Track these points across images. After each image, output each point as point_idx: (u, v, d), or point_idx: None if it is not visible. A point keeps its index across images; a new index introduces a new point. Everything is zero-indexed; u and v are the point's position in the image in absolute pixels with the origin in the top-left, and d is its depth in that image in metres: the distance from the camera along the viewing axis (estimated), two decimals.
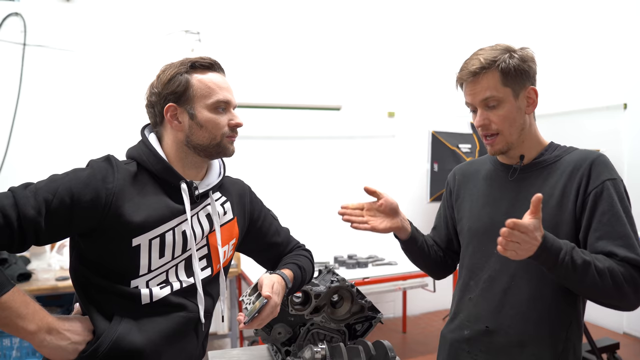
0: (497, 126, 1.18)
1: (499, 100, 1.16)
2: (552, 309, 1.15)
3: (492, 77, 1.15)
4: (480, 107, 1.18)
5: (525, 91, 1.18)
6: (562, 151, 1.21)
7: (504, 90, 1.16)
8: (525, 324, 1.17)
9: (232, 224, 1.24)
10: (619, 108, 3.93)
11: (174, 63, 1.14)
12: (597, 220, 1.09)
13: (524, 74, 1.16)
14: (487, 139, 1.21)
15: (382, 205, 1.29)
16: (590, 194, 1.11)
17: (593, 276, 1.02)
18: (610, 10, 4.03)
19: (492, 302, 1.22)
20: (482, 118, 1.19)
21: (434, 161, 4.20)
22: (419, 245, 1.37)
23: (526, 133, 1.21)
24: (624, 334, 3.91)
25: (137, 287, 1.06)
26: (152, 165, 1.11)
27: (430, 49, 4.53)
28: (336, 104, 4.23)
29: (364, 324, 1.50)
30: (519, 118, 1.18)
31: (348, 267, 3.37)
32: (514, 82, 1.16)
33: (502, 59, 1.15)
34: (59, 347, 0.98)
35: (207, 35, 3.74)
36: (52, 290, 2.72)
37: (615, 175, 1.13)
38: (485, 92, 1.16)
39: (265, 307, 1.10)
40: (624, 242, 1.07)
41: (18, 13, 3.26)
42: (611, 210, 1.08)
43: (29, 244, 0.96)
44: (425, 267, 1.45)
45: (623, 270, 1.04)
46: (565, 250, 1.02)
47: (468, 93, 1.20)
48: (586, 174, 1.12)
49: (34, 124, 3.32)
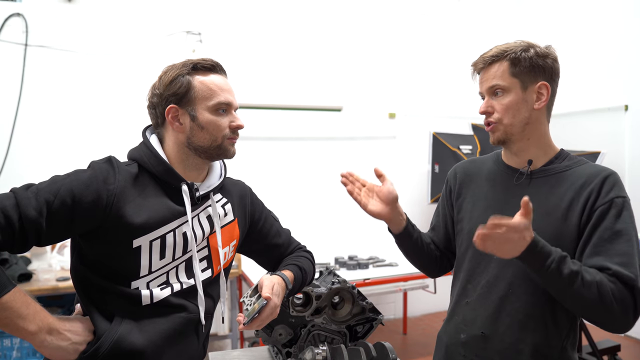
0: (498, 114, 1.18)
1: (504, 89, 1.17)
2: (549, 318, 1.14)
3: (501, 67, 1.17)
4: (487, 95, 1.20)
5: (535, 85, 1.17)
6: (572, 162, 1.19)
7: (511, 81, 1.16)
8: (521, 332, 1.15)
9: (232, 226, 1.24)
10: (620, 109, 3.93)
11: (176, 64, 1.14)
12: (597, 236, 1.07)
13: (537, 68, 1.16)
14: (488, 126, 1.21)
15: (381, 190, 1.29)
16: (597, 209, 1.08)
17: (579, 287, 1.00)
18: (611, 12, 4.03)
19: (488, 308, 1.20)
20: (485, 105, 1.20)
21: (435, 162, 4.20)
22: (413, 240, 1.34)
23: (532, 130, 1.19)
24: (624, 336, 3.90)
25: (138, 288, 1.06)
26: (153, 167, 1.11)
27: (431, 51, 4.53)
28: (337, 105, 4.24)
29: (365, 325, 1.50)
30: (524, 111, 1.17)
31: (349, 268, 3.37)
32: (524, 74, 1.16)
33: (513, 50, 1.16)
34: (60, 348, 0.98)
35: (209, 36, 3.75)
36: (53, 290, 2.73)
37: (625, 194, 1.10)
38: (492, 80, 1.18)
39: (264, 308, 1.10)
40: (620, 259, 1.03)
41: (20, 14, 3.27)
42: (613, 227, 1.06)
43: (30, 244, 0.96)
44: (419, 264, 1.42)
45: (613, 287, 1.00)
46: (554, 257, 1.01)
47: (479, 81, 1.23)
48: (596, 190, 1.10)
49: (36, 125, 3.32)
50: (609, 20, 4.05)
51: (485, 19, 4.73)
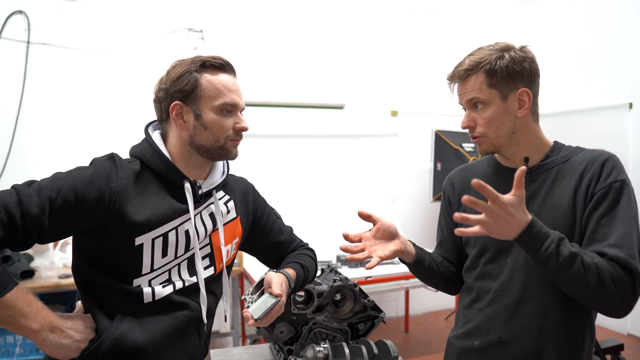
0: (482, 128, 1.15)
1: (484, 102, 1.13)
2: (566, 318, 1.10)
3: (477, 79, 1.13)
4: (468, 108, 1.17)
5: (515, 93, 1.12)
6: (569, 151, 1.16)
7: (489, 92, 1.12)
8: (540, 334, 1.11)
9: (235, 223, 1.24)
10: (624, 107, 3.91)
11: (185, 60, 1.13)
12: (594, 222, 1.05)
13: (514, 75, 1.11)
14: (474, 139, 1.19)
15: (378, 231, 1.19)
16: (596, 194, 1.06)
17: (578, 269, 0.97)
18: (615, 9, 4.01)
19: (503, 312, 1.16)
20: (467, 119, 1.17)
21: (437, 160, 4.19)
22: (427, 266, 1.29)
23: (521, 136, 1.16)
24: (628, 335, 3.90)
25: (140, 286, 1.06)
26: (155, 165, 1.10)
27: (433, 48, 4.52)
28: (339, 103, 4.23)
29: (367, 323, 1.50)
30: (507, 121, 1.13)
31: (350, 265, 3.36)
32: (501, 83, 1.12)
33: (487, 61, 1.11)
34: (62, 345, 0.98)
35: (210, 34, 3.74)
36: (55, 287, 2.74)
37: (625, 177, 1.07)
38: (470, 94, 1.14)
39: (276, 305, 1.10)
40: (618, 242, 1.01)
41: (22, 11, 3.27)
42: (612, 212, 1.04)
43: (32, 242, 0.96)
44: (439, 286, 1.37)
45: (611, 269, 0.99)
46: (552, 239, 0.98)
47: (458, 94, 1.19)
48: (596, 175, 1.08)
49: (38, 123, 3.32)
50: (613, 17, 4.02)
51: (489, 17, 4.72)
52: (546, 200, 1.12)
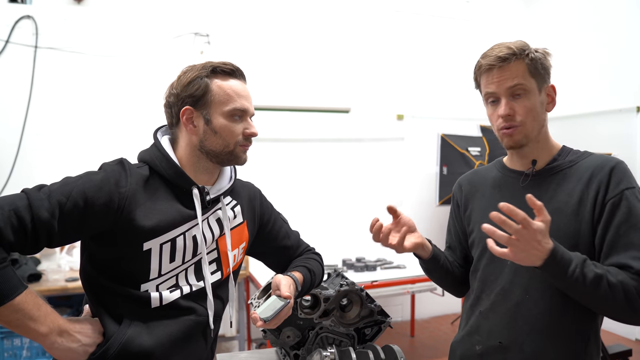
0: (521, 117, 1.11)
1: (526, 90, 1.10)
2: (569, 323, 1.09)
3: (521, 65, 1.10)
4: (505, 96, 1.11)
5: (546, 87, 1.14)
6: (576, 156, 1.15)
7: (531, 81, 1.11)
8: (541, 339, 1.10)
9: (242, 228, 1.24)
10: (632, 111, 3.89)
11: (196, 65, 1.13)
12: (613, 232, 1.03)
13: (546, 70, 1.13)
14: (507, 129, 1.13)
15: (398, 224, 1.19)
16: (608, 203, 1.05)
17: (605, 290, 0.97)
18: (621, 12, 3.99)
19: (504, 316, 1.15)
20: (507, 107, 1.11)
21: (443, 164, 4.18)
22: (442, 262, 1.29)
23: (542, 133, 1.16)
24: (636, 340, 3.86)
25: (147, 291, 1.06)
26: (164, 170, 1.10)
27: (439, 52, 4.52)
28: (345, 107, 4.23)
29: (373, 328, 1.49)
30: (542, 113, 1.14)
31: (356, 270, 3.36)
32: (539, 75, 1.12)
33: (531, 50, 1.11)
34: (70, 349, 0.98)
35: (217, 38, 3.76)
36: (62, 291, 2.75)
37: (635, 183, 1.07)
38: (514, 80, 1.09)
39: (285, 307, 1.09)
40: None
41: (30, 16, 3.30)
42: (629, 221, 1.02)
43: (41, 246, 0.96)
44: (449, 286, 1.38)
45: (636, 285, 0.98)
46: (576, 262, 0.97)
47: (492, 81, 1.12)
48: (605, 182, 1.06)
49: (45, 127, 3.35)
50: (620, 19, 4.00)
51: (494, 21, 4.71)
52: (550, 204, 1.11)
